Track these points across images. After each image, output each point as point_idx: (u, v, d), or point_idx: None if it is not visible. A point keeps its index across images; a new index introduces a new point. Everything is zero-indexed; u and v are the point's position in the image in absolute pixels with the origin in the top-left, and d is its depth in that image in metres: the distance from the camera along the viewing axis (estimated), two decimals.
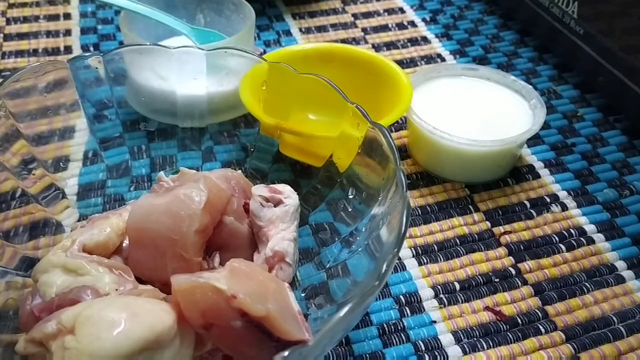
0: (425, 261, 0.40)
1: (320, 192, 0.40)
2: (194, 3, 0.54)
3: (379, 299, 0.38)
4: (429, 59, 0.59)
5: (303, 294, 0.36)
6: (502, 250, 0.41)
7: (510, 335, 0.36)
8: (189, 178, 0.35)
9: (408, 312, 0.37)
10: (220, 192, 0.34)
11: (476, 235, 0.42)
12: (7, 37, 0.59)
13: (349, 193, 0.37)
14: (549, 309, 0.38)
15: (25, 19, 0.61)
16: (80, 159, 0.42)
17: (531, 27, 0.62)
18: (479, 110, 0.47)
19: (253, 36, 0.51)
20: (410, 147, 0.49)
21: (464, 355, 0.35)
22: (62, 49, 0.58)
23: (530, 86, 0.47)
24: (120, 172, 0.42)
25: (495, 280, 0.40)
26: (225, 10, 0.54)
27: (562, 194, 0.46)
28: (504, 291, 0.39)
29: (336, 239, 0.37)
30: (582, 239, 0.43)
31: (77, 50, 0.58)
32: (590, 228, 0.43)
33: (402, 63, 0.58)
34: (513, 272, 0.40)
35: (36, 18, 0.62)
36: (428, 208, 0.44)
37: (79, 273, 0.30)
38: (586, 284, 0.40)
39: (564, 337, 0.36)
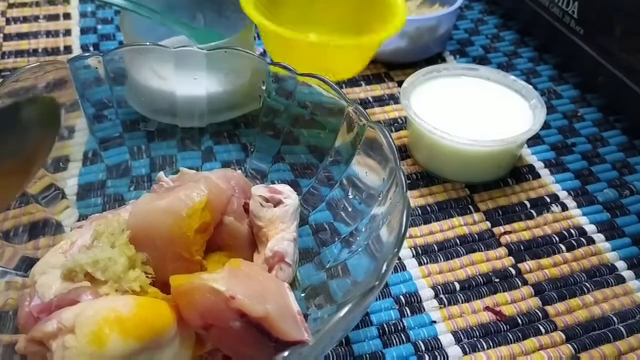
0: (425, 261, 0.40)
1: (320, 192, 0.40)
2: (194, 3, 0.54)
3: (379, 299, 0.38)
4: (429, 59, 0.59)
5: (303, 294, 0.36)
6: (502, 250, 0.41)
7: (510, 336, 0.36)
8: (189, 178, 0.35)
9: (408, 312, 0.37)
10: (220, 192, 0.34)
11: (476, 235, 0.42)
12: (7, 37, 0.59)
13: (349, 193, 0.37)
14: (549, 309, 0.38)
15: (25, 19, 0.61)
16: (80, 159, 0.42)
17: (531, 27, 0.62)
18: (479, 110, 0.47)
19: (253, 36, 0.51)
20: (410, 147, 0.49)
21: (464, 356, 0.35)
22: (61, 48, 0.58)
23: (531, 86, 0.47)
24: (120, 172, 0.42)
25: (496, 280, 0.40)
26: (225, 10, 0.53)
27: (562, 194, 0.46)
28: (504, 291, 0.39)
29: (336, 239, 0.37)
30: (582, 239, 0.43)
31: (76, 50, 0.58)
32: (590, 228, 0.43)
33: (402, 62, 0.58)
34: (513, 272, 0.40)
35: (36, 18, 0.62)
36: (428, 208, 0.44)
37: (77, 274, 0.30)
38: (586, 284, 0.40)
39: (564, 337, 0.36)
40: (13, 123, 0.23)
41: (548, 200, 0.45)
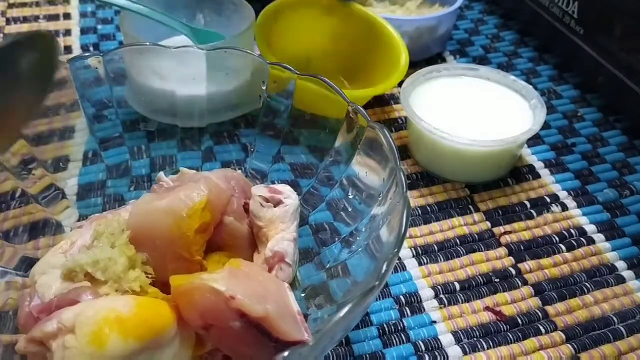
0: (425, 261, 0.40)
1: (320, 192, 0.40)
2: (194, 3, 0.54)
3: (379, 299, 0.38)
4: (429, 59, 0.59)
5: (303, 294, 0.36)
6: (502, 250, 0.41)
7: (510, 336, 0.36)
8: (188, 178, 0.35)
9: (408, 312, 0.37)
10: (220, 192, 0.34)
11: (476, 235, 0.42)
12: (7, 37, 0.59)
13: (349, 193, 0.37)
14: (549, 309, 0.38)
15: (25, 19, 0.61)
16: (80, 159, 0.42)
17: (531, 27, 0.62)
18: (479, 110, 0.47)
19: (253, 36, 0.51)
20: (410, 147, 0.49)
21: (464, 356, 0.35)
22: (62, 48, 0.58)
23: (531, 86, 0.47)
24: (120, 172, 0.42)
25: (496, 280, 0.40)
26: (225, 10, 0.53)
27: (562, 194, 0.46)
28: (504, 291, 0.39)
29: (336, 239, 0.37)
30: (582, 239, 0.43)
31: (77, 50, 0.58)
32: (590, 228, 0.43)
33: None
34: (513, 272, 0.40)
35: (36, 18, 0.62)
36: (428, 208, 0.44)
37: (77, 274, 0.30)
38: (586, 284, 0.40)
39: (564, 337, 0.36)
40: (6, 67, 0.20)
41: (548, 200, 0.45)
